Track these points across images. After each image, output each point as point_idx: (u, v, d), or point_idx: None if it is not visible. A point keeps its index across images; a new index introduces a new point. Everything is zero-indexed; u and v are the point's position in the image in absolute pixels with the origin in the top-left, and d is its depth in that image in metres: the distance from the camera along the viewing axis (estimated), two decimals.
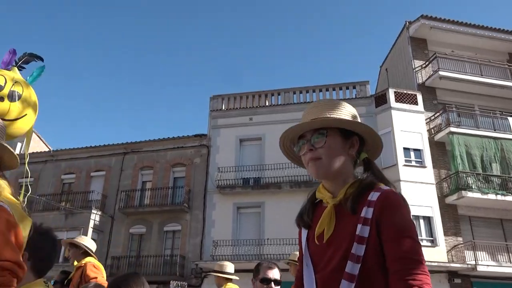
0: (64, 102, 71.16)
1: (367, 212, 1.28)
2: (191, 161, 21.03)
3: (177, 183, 20.98)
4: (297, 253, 1.85)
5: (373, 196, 1.30)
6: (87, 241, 4.17)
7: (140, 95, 72.89)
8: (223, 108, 21.60)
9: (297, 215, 1.51)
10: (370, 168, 1.43)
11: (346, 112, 1.42)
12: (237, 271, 5.05)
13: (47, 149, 26.81)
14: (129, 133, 74.27)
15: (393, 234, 1.24)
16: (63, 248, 5.41)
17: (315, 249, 1.40)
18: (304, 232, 1.48)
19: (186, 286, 16.99)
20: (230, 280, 4.66)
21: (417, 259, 1.21)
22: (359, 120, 1.46)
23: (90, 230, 19.60)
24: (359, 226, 1.27)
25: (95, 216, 20.04)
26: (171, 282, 16.76)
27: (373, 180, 1.37)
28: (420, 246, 1.25)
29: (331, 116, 1.39)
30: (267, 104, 21.35)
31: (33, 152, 24.54)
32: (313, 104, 1.48)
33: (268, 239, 17.70)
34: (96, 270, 3.81)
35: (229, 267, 4.72)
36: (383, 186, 1.34)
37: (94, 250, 4.14)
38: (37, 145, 27.59)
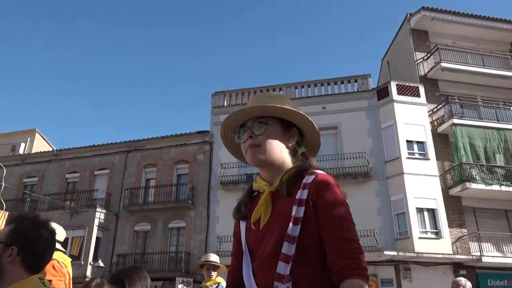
0: (67, 101, 71.39)
1: (302, 194, 1.31)
2: (194, 158, 21.07)
3: (181, 180, 21.05)
4: None
5: (308, 179, 1.33)
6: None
7: (142, 94, 73.03)
8: (225, 104, 21.60)
9: (234, 208, 1.51)
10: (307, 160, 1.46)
11: (287, 104, 1.44)
12: None
13: (50, 149, 26.90)
14: (132, 131, 74.44)
15: (328, 215, 1.27)
16: None
17: (252, 238, 1.41)
18: (243, 224, 1.48)
19: (192, 282, 17.04)
20: (216, 268, 4.84)
21: (352, 238, 1.24)
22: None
23: (95, 228, 19.73)
24: (294, 207, 1.29)
25: (99, 215, 20.14)
26: (176, 278, 16.81)
27: (307, 166, 1.40)
28: (354, 225, 1.28)
29: (271, 104, 1.41)
30: None
31: (37, 152, 24.67)
32: (258, 95, 1.51)
33: None
34: (54, 272, 3.25)
35: (213, 257, 4.92)
36: (318, 171, 1.37)
37: (62, 240, 3.56)
38: (40, 145, 27.68)
